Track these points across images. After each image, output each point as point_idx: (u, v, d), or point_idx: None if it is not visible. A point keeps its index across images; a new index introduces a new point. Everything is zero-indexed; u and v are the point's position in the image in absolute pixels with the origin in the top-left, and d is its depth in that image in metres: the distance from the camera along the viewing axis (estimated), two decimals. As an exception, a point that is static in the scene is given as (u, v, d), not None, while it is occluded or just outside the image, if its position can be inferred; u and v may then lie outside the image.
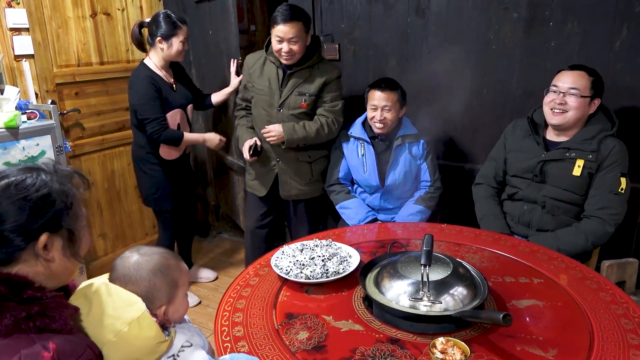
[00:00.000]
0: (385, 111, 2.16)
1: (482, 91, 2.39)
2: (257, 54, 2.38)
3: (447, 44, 2.42)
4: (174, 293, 1.01)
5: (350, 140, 2.31)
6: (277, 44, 2.16)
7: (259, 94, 2.34)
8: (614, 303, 1.30)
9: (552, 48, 2.17)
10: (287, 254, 1.59)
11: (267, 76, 2.29)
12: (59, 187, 0.85)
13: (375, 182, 2.25)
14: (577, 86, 1.81)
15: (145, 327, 0.89)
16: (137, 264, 0.98)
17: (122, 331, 0.87)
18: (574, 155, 1.84)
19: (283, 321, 1.29)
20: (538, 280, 1.45)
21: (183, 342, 0.97)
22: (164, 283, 0.99)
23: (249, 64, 2.38)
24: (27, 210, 0.81)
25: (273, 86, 2.29)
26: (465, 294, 1.27)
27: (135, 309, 0.91)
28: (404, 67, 2.56)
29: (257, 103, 2.37)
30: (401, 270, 1.33)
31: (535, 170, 1.91)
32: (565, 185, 1.86)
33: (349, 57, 2.74)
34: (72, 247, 0.88)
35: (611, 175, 1.79)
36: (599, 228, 1.78)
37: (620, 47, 2.03)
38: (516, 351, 1.12)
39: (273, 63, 2.28)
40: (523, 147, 1.99)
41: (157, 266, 0.99)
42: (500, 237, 1.79)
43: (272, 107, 2.30)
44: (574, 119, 1.84)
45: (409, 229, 1.92)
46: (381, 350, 1.14)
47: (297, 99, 2.29)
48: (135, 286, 0.95)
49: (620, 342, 1.14)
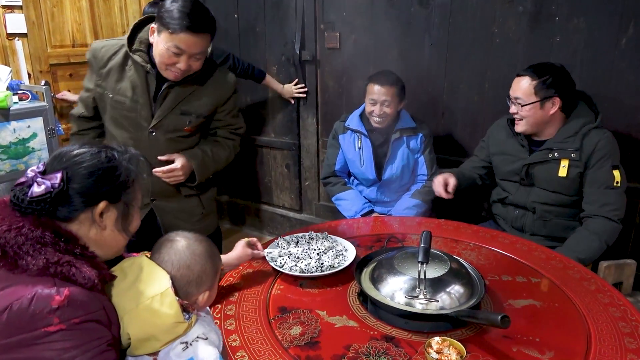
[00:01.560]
0: (385, 106, 2.12)
1: (484, 85, 2.36)
2: (112, 45, 1.65)
3: (450, 37, 2.38)
4: (215, 279, 1.03)
5: (348, 132, 2.28)
6: (171, 55, 1.52)
7: (116, 107, 1.65)
8: (612, 305, 1.29)
9: (557, 43, 2.13)
10: (282, 246, 1.56)
11: (131, 83, 1.63)
12: (127, 165, 0.94)
13: (372, 175, 2.23)
14: (518, 95, 1.79)
15: (166, 303, 0.90)
16: (190, 248, 0.98)
17: (143, 303, 0.89)
18: (557, 156, 1.79)
19: (276, 315, 1.26)
20: (535, 280, 1.44)
21: (199, 334, 0.96)
22: (212, 269, 1.00)
23: (98, 56, 1.64)
24: (95, 176, 0.90)
25: (141, 99, 1.64)
26: (462, 292, 1.25)
27: (161, 284, 0.91)
28: (405, 58, 2.52)
29: (114, 120, 1.69)
30: (397, 267, 1.31)
31: (522, 174, 1.88)
32: (553, 187, 1.82)
33: (350, 47, 2.69)
34: (124, 222, 0.96)
35: (603, 170, 1.74)
36: (607, 226, 1.72)
37: (626, 45, 2.00)
38: (512, 352, 1.10)
39: (142, 66, 1.61)
40: (507, 150, 1.94)
41: (208, 252, 1.00)
42: (498, 234, 1.77)
43: (140, 128, 1.68)
44: (532, 126, 1.81)
45: (406, 224, 1.90)
46: (375, 348, 1.12)
47: (179, 121, 1.69)
48: (189, 270, 0.96)
49: (618, 346, 1.12)
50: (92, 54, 1.67)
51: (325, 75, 2.84)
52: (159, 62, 1.57)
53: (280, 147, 3.17)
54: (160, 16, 1.50)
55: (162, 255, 0.98)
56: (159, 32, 1.52)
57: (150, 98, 1.65)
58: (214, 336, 0.99)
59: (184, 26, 1.47)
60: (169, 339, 0.91)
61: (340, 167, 2.33)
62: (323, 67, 2.83)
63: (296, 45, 2.80)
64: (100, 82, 1.65)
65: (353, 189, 2.31)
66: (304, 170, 3.14)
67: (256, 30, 2.99)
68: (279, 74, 3.01)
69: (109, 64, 1.64)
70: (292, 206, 3.27)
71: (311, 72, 2.87)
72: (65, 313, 0.79)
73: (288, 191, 3.25)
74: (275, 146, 3.19)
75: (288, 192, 3.25)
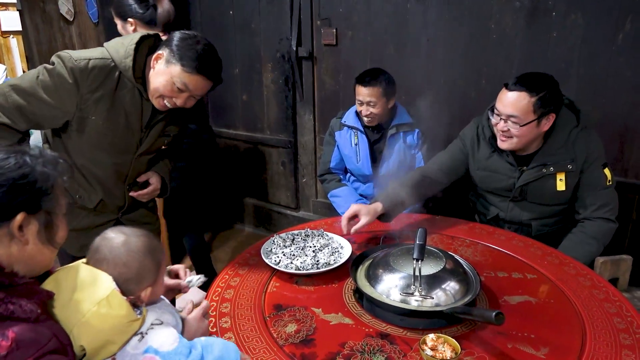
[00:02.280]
0: (371, 106, 2.13)
1: (480, 81, 2.35)
2: (102, 65, 1.44)
3: (447, 33, 2.37)
4: (158, 274, 0.98)
5: (344, 129, 2.28)
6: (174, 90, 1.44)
7: (105, 133, 1.51)
8: (607, 301, 1.29)
9: (554, 39, 2.12)
10: (278, 243, 1.56)
11: (125, 109, 1.51)
12: (42, 169, 0.84)
13: (368, 171, 2.23)
14: (515, 113, 1.61)
15: (115, 305, 0.86)
16: (127, 245, 0.94)
17: (90, 311, 0.84)
18: (552, 170, 1.70)
19: (271, 313, 1.26)
20: (531, 276, 1.43)
21: (152, 320, 0.94)
22: (152, 264, 0.96)
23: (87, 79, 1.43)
24: (5, 186, 0.79)
25: (134, 127, 1.54)
26: (457, 289, 1.25)
27: (104, 287, 0.87)
28: (402, 53, 2.51)
29: (95, 144, 1.53)
30: (393, 264, 1.31)
31: (515, 192, 1.78)
32: (551, 201, 1.76)
33: (346, 43, 2.68)
34: (48, 233, 0.86)
35: (596, 172, 1.69)
36: (604, 227, 1.69)
37: (623, 40, 1.99)
38: (507, 349, 1.10)
39: (140, 94, 1.50)
40: (492, 167, 1.81)
41: (146, 247, 0.96)
42: (495, 230, 1.77)
43: (126, 153, 1.60)
44: (522, 144, 1.68)
45: (402, 221, 1.89)
46: (370, 345, 1.12)
47: (160, 142, 1.67)
48: (126, 268, 0.92)
49: (613, 342, 1.12)
50: (77, 75, 1.41)
51: (322, 71, 2.83)
52: (155, 90, 1.46)
53: (275, 145, 3.16)
54: (174, 49, 1.41)
55: (97, 254, 0.93)
56: (167, 63, 1.42)
57: (142, 126, 1.56)
58: (168, 317, 0.97)
59: (200, 69, 1.42)
60: (126, 338, 0.88)
61: (335, 164, 2.33)
62: (320, 63, 2.82)
63: (292, 41, 2.79)
64: (85, 107, 1.46)
65: (347, 185, 2.32)
66: (301, 168, 3.13)
67: (251, 26, 2.98)
68: (274, 71, 3.00)
69: (100, 89, 1.45)
70: (288, 204, 3.26)
71: (308, 69, 2.86)
72: (16, 357, 0.73)
73: (284, 189, 3.25)
74: (270, 144, 3.18)
75: (284, 189, 3.25)
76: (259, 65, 3.04)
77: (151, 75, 1.47)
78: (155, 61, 1.45)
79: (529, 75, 1.65)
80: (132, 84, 1.47)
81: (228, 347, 0.96)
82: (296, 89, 2.94)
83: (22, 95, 1.41)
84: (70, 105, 1.45)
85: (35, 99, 1.42)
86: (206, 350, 0.93)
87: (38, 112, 1.44)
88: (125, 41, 1.47)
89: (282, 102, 3.03)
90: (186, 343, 0.92)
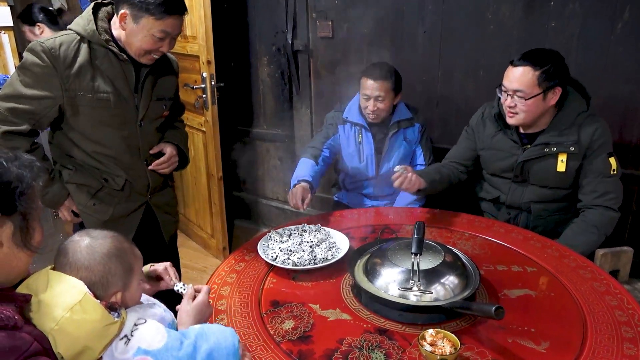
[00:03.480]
0: (379, 101, 2.03)
1: (478, 73, 2.33)
2: (67, 41, 1.45)
3: (444, 23, 2.34)
4: (129, 279, 0.94)
5: (347, 125, 2.16)
6: (156, 41, 1.45)
7: (100, 105, 1.50)
8: (608, 294, 1.27)
9: (552, 29, 2.10)
10: (275, 239, 1.54)
11: (109, 77, 1.49)
12: (17, 171, 0.82)
13: (372, 172, 2.16)
14: (520, 87, 1.64)
15: (89, 310, 0.83)
16: (90, 247, 0.91)
17: (63, 317, 0.81)
18: (554, 150, 1.70)
19: (268, 309, 1.24)
20: (531, 269, 1.42)
21: (135, 321, 0.91)
22: (119, 268, 0.92)
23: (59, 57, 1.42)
24: None
25: (123, 92, 1.53)
26: (457, 283, 1.23)
27: (75, 292, 0.84)
28: (398, 46, 2.48)
29: (97, 121, 1.53)
30: (391, 258, 1.29)
31: (516, 171, 1.79)
32: (552, 183, 1.75)
33: (343, 35, 2.65)
34: (23, 236, 0.83)
35: (600, 159, 1.68)
36: (605, 216, 1.66)
37: (622, 30, 1.96)
38: (508, 344, 1.09)
39: (116, 57, 1.48)
40: (497, 145, 1.84)
41: (111, 250, 0.92)
42: (494, 223, 1.75)
43: (128, 123, 1.58)
44: (530, 119, 1.70)
45: (401, 214, 1.88)
46: (368, 341, 1.10)
47: (158, 107, 1.65)
48: (88, 272, 0.89)
49: (614, 335, 1.11)
50: (49, 55, 1.41)
51: (318, 64, 2.80)
52: (138, 49, 1.47)
53: (272, 139, 3.13)
54: (135, 3, 1.40)
55: (60, 258, 0.90)
56: (135, 19, 1.42)
57: (131, 89, 1.55)
58: (151, 312, 0.95)
59: (170, 10, 1.42)
60: (105, 343, 0.85)
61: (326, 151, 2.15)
62: (316, 56, 2.79)
63: (287, 34, 2.76)
64: (69, 85, 1.45)
65: (313, 160, 2.10)
66: (299, 162, 3.11)
67: (246, 20, 2.94)
68: (270, 65, 2.96)
69: (75, 62, 1.44)
70: (286, 199, 3.23)
71: (304, 62, 2.83)
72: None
73: (282, 184, 3.22)
74: (267, 138, 3.15)
75: (282, 184, 3.23)
76: (254, 59, 3.01)
77: (127, 37, 1.47)
78: (122, 22, 1.44)
79: (534, 50, 1.69)
80: (104, 48, 1.47)
81: (225, 332, 0.94)
82: (292, 82, 2.91)
83: (11, 99, 1.44)
84: (56, 87, 1.45)
85: (24, 99, 1.44)
86: (201, 339, 0.91)
87: (32, 108, 1.45)
88: (82, 14, 1.50)
89: (278, 96, 3.00)
90: (175, 335, 0.90)
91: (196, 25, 2.53)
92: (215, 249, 2.99)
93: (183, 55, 2.73)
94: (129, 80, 1.53)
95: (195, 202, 3.09)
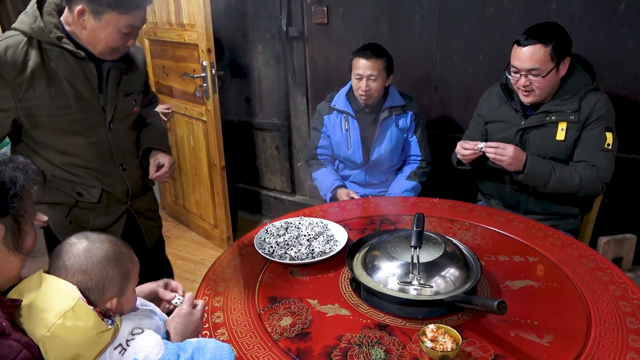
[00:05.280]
0: (371, 81, 2.01)
1: (477, 57, 2.28)
2: (13, 43, 1.28)
3: (442, 7, 2.28)
4: (125, 284, 0.91)
5: (334, 113, 2.17)
6: (122, 36, 1.32)
7: (60, 114, 1.35)
8: (612, 283, 1.25)
9: (553, 10, 2.04)
10: (271, 232, 1.51)
11: (67, 79, 1.33)
12: (11, 174, 0.80)
13: (360, 159, 2.15)
14: (535, 65, 1.63)
15: (82, 316, 0.80)
16: (88, 251, 0.87)
17: (55, 324, 0.79)
18: (554, 119, 1.71)
19: (266, 306, 1.22)
20: (533, 259, 1.39)
21: (132, 329, 0.88)
22: (116, 273, 0.89)
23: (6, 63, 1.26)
24: None
25: (85, 93, 1.37)
26: (457, 275, 1.21)
27: (68, 298, 0.81)
28: (395, 31, 2.42)
29: (60, 130, 1.38)
30: (390, 251, 1.26)
31: (515, 140, 1.78)
32: (550, 153, 1.74)
33: (338, 21, 2.58)
34: (15, 239, 0.81)
35: (596, 130, 1.67)
36: (592, 175, 1.66)
37: (625, 10, 1.91)
38: (510, 337, 1.06)
39: (73, 55, 1.32)
40: (501, 116, 1.85)
41: (109, 254, 0.89)
42: (494, 212, 1.72)
43: (96, 127, 1.43)
44: (546, 94, 1.71)
45: (399, 205, 1.84)
46: (368, 338, 1.08)
47: (127, 104, 1.50)
48: (85, 276, 0.85)
49: (619, 326, 1.08)
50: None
51: (314, 51, 2.74)
52: (105, 48, 1.33)
53: (269, 129, 3.09)
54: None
55: (56, 261, 0.87)
56: (97, 15, 1.26)
57: (94, 89, 1.39)
58: (147, 322, 0.92)
59: (134, 3, 1.28)
60: (97, 351, 0.83)
61: (321, 150, 2.24)
62: (311, 43, 2.73)
63: (282, 21, 2.69)
64: (23, 94, 1.28)
65: (326, 167, 2.23)
66: (296, 151, 3.06)
67: (239, 6, 2.87)
68: (265, 53, 2.90)
69: (27, 68, 1.27)
70: (284, 188, 3.21)
71: (299, 49, 2.77)
72: None
73: (279, 173, 3.19)
74: (264, 127, 3.11)
75: (279, 174, 3.19)
76: (249, 47, 2.94)
77: (88, 36, 1.31)
78: (79, 18, 1.28)
79: (536, 27, 1.67)
80: (58, 47, 1.30)
81: (222, 348, 0.91)
82: (288, 70, 2.85)
83: None
84: (6, 99, 1.29)
85: None
86: (198, 354, 0.88)
87: None
88: (26, 9, 1.33)
89: (274, 84, 2.95)
90: (172, 348, 0.87)
91: (194, 13, 2.47)
92: (218, 239, 2.97)
93: (180, 44, 2.67)
94: (90, 80, 1.37)
95: (196, 192, 3.06)
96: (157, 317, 0.97)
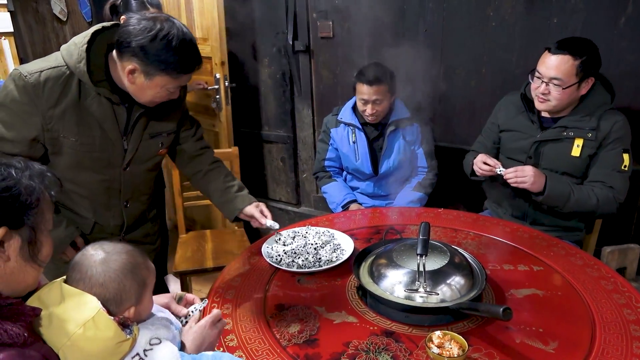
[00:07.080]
0: (377, 104, 2.05)
1: (481, 70, 2.31)
2: (55, 75, 1.29)
3: (445, 21, 2.33)
4: (142, 293, 0.93)
5: (341, 126, 2.20)
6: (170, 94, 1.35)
7: (82, 150, 1.37)
8: (615, 292, 1.26)
9: (554, 25, 2.08)
10: (279, 242, 1.53)
11: (97, 119, 1.35)
12: (27, 183, 0.79)
13: (368, 170, 2.18)
14: (559, 75, 1.63)
15: (102, 327, 0.82)
16: (105, 263, 0.88)
17: (76, 334, 0.80)
18: (572, 135, 1.70)
19: (274, 313, 1.24)
20: (537, 268, 1.41)
21: (150, 339, 0.89)
22: (133, 284, 0.90)
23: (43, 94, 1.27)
24: None
25: (111, 135, 1.39)
26: (463, 283, 1.22)
27: (89, 308, 0.82)
28: (400, 44, 2.47)
29: (76, 164, 1.40)
30: (396, 260, 1.28)
31: (530, 152, 1.79)
32: (564, 168, 1.75)
33: (344, 35, 2.64)
34: (32, 249, 0.80)
35: (614, 152, 1.67)
36: (608, 196, 1.66)
37: (625, 24, 1.95)
38: (515, 344, 1.08)
39: (108, 99, 1.34)
40: (516, 126, 1.85)
41: (126, 266, 0.90)
42: (499, 222, 1.74)
43: (112, 166, 1.44)
44: (560, 107, 1.70)
45: (405, 215, 1.87)
46: (375, 344, 1.10)
47: (152, 146, 1.50)
48: (102, 289, 0.87)
49: (623, 333, 1.10)
50: (30, 93, 1.26)
51: (319, 65, 2.79)
52: (149, 103, 1.36)
53: (275, 141, 3.13)
54: (149, 59, 1.24)
55: (74, 273, 0.88)
56: (148, 76, 1.27)
57: (120, 131, 1.40)
58: (163, 332, 0.93)
59: (188, 69, 1.30)
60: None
61: (329, 162, 2.28)
62: (317, 57, 2.78)
63: (288, 35, 2.75)
64: (52, 125, 1.30)
65: (337, 180, 2.26)
66: (301, 163, 3.10)
67: (246, 21, 2.93)
68: (270, 66, 2.96)
69: (61, 103, 1.29)
70: (289, 200, 3.23)
71: (305, 63, 2.82)
72: None
73: (284, 185, 3.22)
74: (270, 139, 3.15)
75: (284, 185, 3.22)
76: (255, 60, 3.00)
77: (136, 91, 1.32)
78: (130, 75, 1.28)
79: (571, 39, 1.68)
80: (96, 91, 1.31)
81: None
82: (294, 83, 2.90)
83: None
84: (34, 129, 1.30)
85: (6, 141, 1.30)
86: None
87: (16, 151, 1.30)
88: (77, 40, 1.31)
89: (280, 97, 2.99)
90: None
91: (208, 27, 2.54)
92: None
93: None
94: (118, 122, 1.38)
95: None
96: (172, 326, 0.98)
